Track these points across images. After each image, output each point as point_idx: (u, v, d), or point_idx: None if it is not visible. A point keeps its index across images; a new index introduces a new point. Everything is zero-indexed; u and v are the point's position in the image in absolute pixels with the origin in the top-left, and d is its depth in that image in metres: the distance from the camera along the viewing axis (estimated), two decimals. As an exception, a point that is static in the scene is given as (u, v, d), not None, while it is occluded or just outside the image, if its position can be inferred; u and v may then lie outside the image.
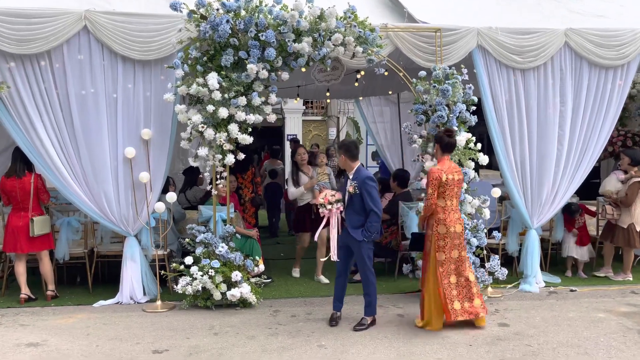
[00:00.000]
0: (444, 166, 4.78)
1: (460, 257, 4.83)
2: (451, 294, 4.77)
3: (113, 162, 5.51)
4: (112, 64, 5.45)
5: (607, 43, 6.19)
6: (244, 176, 7.65)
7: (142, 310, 5.41)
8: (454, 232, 4.76)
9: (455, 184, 4.77)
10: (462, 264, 4.84)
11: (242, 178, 7.62)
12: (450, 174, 4.73)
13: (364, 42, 5.41)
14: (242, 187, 7.59)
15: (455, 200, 4.82)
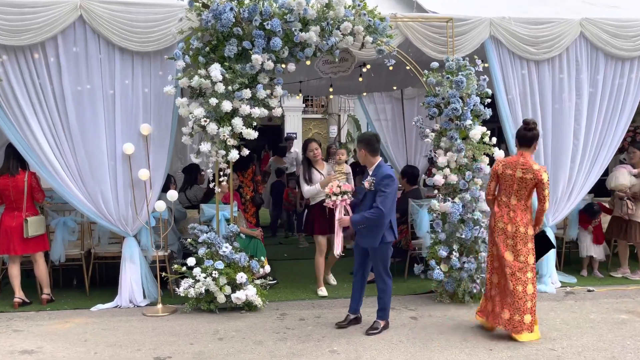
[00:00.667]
0: (509, 160, 4.50)
1: (512, 261, 4.37)
2: (490, 292, 4.55)
3: (111, 159, 5.26)
4: (109, 55, 5.21)
5: (623, 33, 5.98)
6: (244, 174, 7.41)
7: (142, 314, 5.15)
8: (502, 228, 4.44)
9: (516, 181, 4.36)
10: (518, 270, 4.34)
11: (243, 176, 7.38)
12: (509, 169, 4.41)
13: (373, 32, 5.16)
14: (242, 186, 7.34)
15: (514, 198, 4.40)
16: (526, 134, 4.42)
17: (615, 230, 6.47)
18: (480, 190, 5.33)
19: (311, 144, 5.96)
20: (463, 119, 5.29)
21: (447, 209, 5.30)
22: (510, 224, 4.41)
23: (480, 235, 5.33)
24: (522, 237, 4.37)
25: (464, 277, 5.33)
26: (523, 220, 4.38)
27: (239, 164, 7.34)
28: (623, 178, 6.35)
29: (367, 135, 4.80)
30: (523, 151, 4.44)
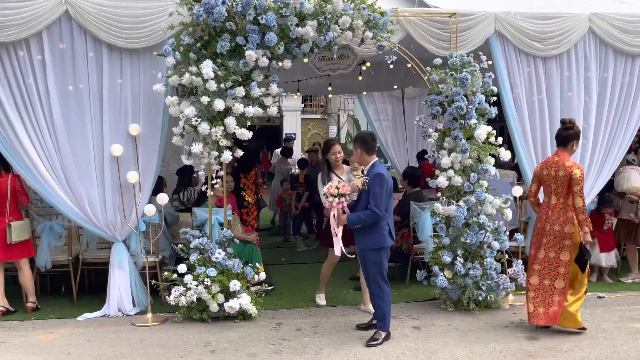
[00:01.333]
0: (547, 160, 4.64)
1: (553, 259, 4.49)
2: (528, 295, 4.58)
3: (98, 161, 5.02)
4: (97, 52, 4.97)
5: (632, 29, 5.74)
6: (247, 176, 7.16)
7: (130, 323, 4.89)
8: (540, 228, 4.55)
9: (552, 181, 4.45)
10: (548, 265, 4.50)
11: (246, 179, 7.13)
12: (545, 169, 4.51)
13: (373, 27, 4.92)
14: (244, 189, 7.08)
15: (555, 198, 4.47)
16: (562, 132, 4.50)
17: (624, 233, 6.22)
18: (486, 192, 5.08)
19: (334, 146, 5.24)
20: (467, 118, 5.04)
21: (451, 212, 5.05)
22: (548, 222, 4.50)
23: (486, 240, 5.08)
24: (557, 234, 4.44)
25: (468, 283, 5.08)
26: (560, 218, 4.44)
27: (243, 166, 7.12)
28: (635, 180, 6.10)
29: (363, 134, 4.71)
30: (560, 150, 4.52)
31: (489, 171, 5.08)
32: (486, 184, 5.12)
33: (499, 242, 5.11)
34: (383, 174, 4.28)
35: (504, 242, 5.16)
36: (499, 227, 5.18)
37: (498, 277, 5.14)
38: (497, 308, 5.22)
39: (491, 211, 5.15)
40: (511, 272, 5.24)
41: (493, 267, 5.08)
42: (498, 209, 5.18)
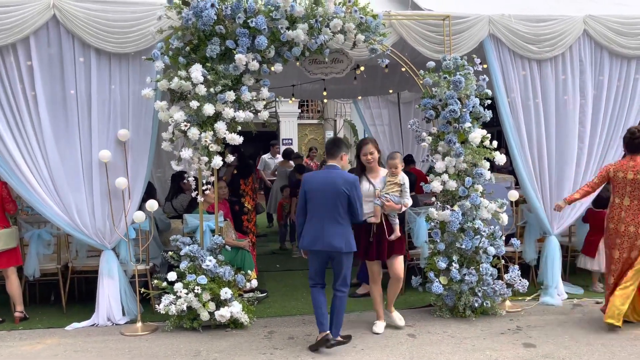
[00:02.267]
0: (619, 163, 4.85)
1: (626, 260, 4.72)
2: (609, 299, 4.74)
3: (86, 168, 4.93)
4: (85, 57, 4.89)
5: (628, 31, 5.68)
6: (246, 182, 7.07)
7: (119, 333, 4.80)
8: (613, 228, 4.79)
9: (628, 183, 4.69)
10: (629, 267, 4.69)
11: (245, 185, 7.04)
12: (620, 172, 4.75)
13: (365, 30, 4.85)
14: (244, 195, 6.99)
15: (629, 200, 4.71)
16: (633, 141, 4.74)
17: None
18: (481, 197, 5.01)
19: (365, 146, 4.68)
20: (462, 122, 4.97)
21: (446, 217, 4.97)
22: (622, 223, 4.70)
23: (481, 245, 5.00)
24: (632, 235, 4.66)
25: (464, 290, 4.99)
26: (635, 220, 4.65)
27: (242, 172, 7.04)
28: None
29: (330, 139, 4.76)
30: (632, 155, 4.74)
31: (484, 175, 5.00)
32: (481, 188, 5.04)
33: (494, 248, 5.03)
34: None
35: (500, 247, 5.07)
36: (494, 232, 5.10)
37: (494, 283, 5.05)
38: (493, 314, 5.13)
39: (487, 216, 5.07)
40: (508, 277, 5.16)
41: (489, 273, 5.00)
42: (494, 214, 5.11)
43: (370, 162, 4.67)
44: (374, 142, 4.76)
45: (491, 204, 5.06)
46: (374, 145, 4.69)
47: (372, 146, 4.67)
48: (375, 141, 4.79)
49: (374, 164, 4.68)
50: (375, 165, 4.70)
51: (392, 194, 4.60)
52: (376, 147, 4.70)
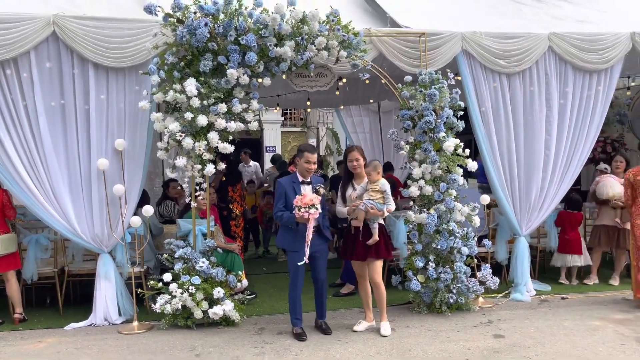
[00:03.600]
0: (638, 168, 5.67)
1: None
2: (637, 278, 5.51)
3: (85, 176, 5.20)
4: (84, 71, 5.18)
5: (590, 47, 6.15)
6: (234, 189, 7.38)
7: (117, 332, 5.07)
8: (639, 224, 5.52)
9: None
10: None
11: (233, 191, 7.35)
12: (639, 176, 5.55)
13: (348, 47, 5.24)
14: (232, 201, 7.30)
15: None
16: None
17: (604, 239, 6.59)
18: (455, 201, 5.41)
19: (351, 153, 4.98)
20: (436, 131, 5.38)
21: (423, 220, 5.36)
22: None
23: (455, 246, 5.39)
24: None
25: (440, 287, 5.38)
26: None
27: (231, 179, 7.34)
28: (618, 187, 6.46)
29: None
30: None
31: (457, 181, 5.41)
32: (455, 193, 5.45)
33: (468, 248, 5.43)
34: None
35: (473, 248, 5.47)
36: (467, 233, 5.50)
37: (468, 280, 5.45)
38: (467, 310, 5.53)
39: (460, 218, 5.47)
40: (480, 275, 5.56)
41: (463, 271, 5.39)
42: (467, 216, 5.51)
43: (356, 169, 4.94)
44: (360, 149, 5.04)
45: (464, 207, 5.47)
46: (359, 152, 4.97)
47: (357, 153, 4.95)
48: (360, 148, 5.07)
49: (359, 170, 4.94)
50: (361, 171, 4.95)
51: (375, 200, 4.83)
52: (362, 154, 4.98)
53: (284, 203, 4.78)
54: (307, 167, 4.78)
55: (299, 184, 4.81)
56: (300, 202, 4.54)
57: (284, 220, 4.76)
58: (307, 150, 4.82)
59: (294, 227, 4.72)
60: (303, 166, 4.80)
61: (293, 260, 4.79)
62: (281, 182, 4.87)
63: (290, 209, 4.66)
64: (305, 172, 4.82)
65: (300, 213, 4.54)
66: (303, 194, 4.62)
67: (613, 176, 6.68)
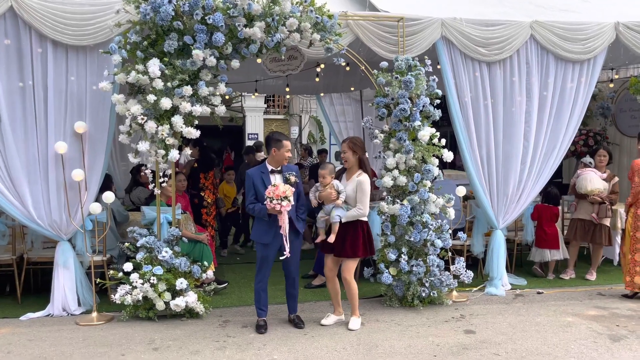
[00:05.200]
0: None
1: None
2: (634, 269, 5.46)
3: (42, 159, 4.95)
4: (42, 49, 4.91)
5: (573, 36, 5.99)
6: (206, 177, 7.14)
7: (75, 323, 4.85)
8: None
9: None
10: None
11: (205, 179, 7.11)
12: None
13: (321, 29, 5.02)
14: (204, 189, 7.07)
15: None
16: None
17: (580, 233, 6.49)
18: (429, 192, 5.25)
19: (342, 145, 4.88)
20: (412, 120, 5.20)
21: (396, 211, 5.19)
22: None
23: (429, 238, 5.24)
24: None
25: (413, 280, 5.23)
26: None
27: (203, 166, 7.10)
28: (598, 182, 6.37)
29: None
30: None
31: (432, 171, 5.24)
32: (429, 183, 5.28)
33: (442, 240, 5.27)
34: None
35: (447, 240, 5.32)
36: (442, 225, 5.35)
37: (441, 274, 5.31)
38: (440, 304, 5.39)
39: (434, 210, 5.31)
40: (454, 269, 5.42)
41: (436, 264, 5.25)
42: (441, 208, 5.35)
43: (345, 162, 4.79)
44: (352, 142, 4.74)
45: (439, 198, 5.31)
46: (347, 146, 4.73)
47: (345, 146, 4.76)
48: (354, 141, 4.75)
49: (348, 164, 4.76)
50: (353, 166, 4.75)
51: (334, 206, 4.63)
52: (351, 147, 4.71)
53: (254, 195, 4.59)
54: (287, 156, 4.63)
55: (268, 173, 4.61)
56: (272, 193, 4.35)
57: (256, 213, 4.57)
58: (286, 139, 4.69)
59: (267, 220, 4.53)
60: (283, 155, 4.61)
61: (261, 250, 4.63)
62: (249, 174, 4.66)
63: (262, 201, 4.47)
64: (284, 161, 4.64)
65: (272, 205, 4.35)
66: (276, 185, 4.41)
67: (595, 170, 6.56)
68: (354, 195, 4.66)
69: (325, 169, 4.75)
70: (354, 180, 4.70)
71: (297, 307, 4.89)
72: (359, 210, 4.64)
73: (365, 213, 4.67)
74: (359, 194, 4.65)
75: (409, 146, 5.16)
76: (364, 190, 4.64)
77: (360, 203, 4.65)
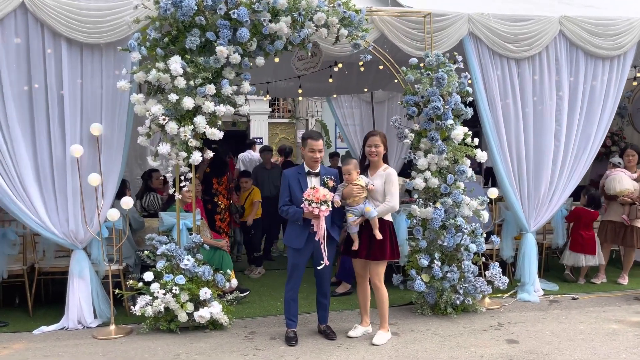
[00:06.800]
0: None
1: None
2: None
3: (57, 164, 4.69)
4: (55, 48, 4.66)
5: (602, 32, 5.79)
6: (220, 181, 6.87)
7: (92, 336, 4.57)
8: None
9: None
10: None
11: (218, 184, 6.84)
12: None
13: (348, 25, 4.79)
14: (217, 194, 6.79)
15: None
16: None
17: (611, 235, 6.27)
18: (462, 194, 5.00)
19: (372, 137, 4.41)
20: (444, 119, 4.96)
21: (428, 214, 4.94)
22: None
23: (463, 243, 4.99)
24: None
25: (446, 287, 4.98)
26: None
27: (216, 170, 6.84)
28: (627, 182, 6.14)
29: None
30: None
31: (466, 172, 5.00)
32: (462, 185, 5.04)
33: (476, 245, 5.03)
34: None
35: (481, 245, 5.08)
36: (475, 229, 5.10)
37: (475, 280, 5.06)
38: (474, 312, 5.14)
39: (468, 213, 5.07)
40: (489, 274, 5.17)
41: (471, 270, 5.00)
42: (474, 211, 5.11)
43: (373, 156, 4.40)
44: (383, 135, 4.44)
45: (472, 201, 5.06)
46: (380, 139, 4.39)
47: (379, 138, 4.38)
48: (384, 135, 4.45)
49: (377, 158, 4.40)
50: (378, 160, 4.42)
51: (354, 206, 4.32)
52: (384, 141, 4.40)
53: (289, 196, 4.34)
54: (312, 157, 4.30)
55: (305, 175, 4.35)
56: (312, 196, 4.08)
57: (289, 216, 4.31)
58: (311, 137, 4.34)
59: (300, 224, 4.27)
60: (308, 155, 4.33)
61: (292, 257, 4.37)
62: (286, 174, 4.41)
63: (297, 203, 4.22)
64: (311, 162, 4.34)
65: (310, 208, 4.08)
66: (315, 188, 4.15)
67: (624, 170, 6.34)
68: (382, 189, 4.36)
69: (350, 164, 4.39)
70: (381, 174, 4.40)
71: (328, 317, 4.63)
72: (388, 203, 4.32)
73: (395, 206, 4.33)
74: (387, 185, 4.33)
75: (442, 146, 4.92)
76: (392, 181, 4.35)
77: (389, 195, 4.32)
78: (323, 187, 4.22)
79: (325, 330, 4.55)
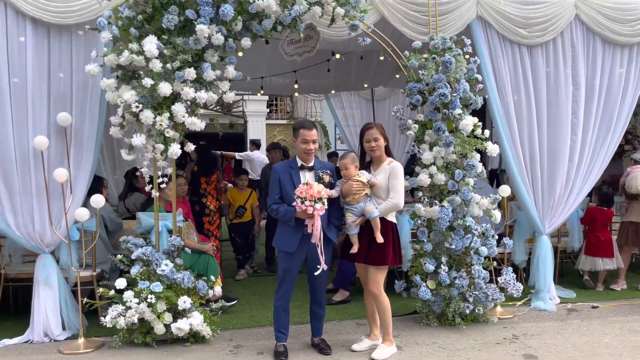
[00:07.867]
0: None
1: None
2: None
3: (20, 158, 4.20)
4: (19, 29, 4.18)
5: (621, 17, 5.33)
6: (208, 181, 6.38)
7: (57, 351, 4.08)
8: None
9: None
10: None
11: (207, 183, 6.35)
12: None
13: (345, 3, 4.32)
14: (206, 195, 6.31)
15: None
16: None
17: (632, 237, 5.82)
18: (472, 191, 4.52)
19: (369, 130, 3.98)
20: (452, 108, 4.49)
21: (434, 214, 4.46)
22: None
23: (472, 245, 4.50)
24: None
25: (454, 295, 4.49)
26: None
27: (204, 169, 6.37)
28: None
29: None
30: None
31: (476, 167, 4.51)
32: (472, 182, 4.55)
33: (487, 248, 4.54)
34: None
35: (493, 248, 4.59)
36: (486, 230, 4.61)
37: (487, 286, 4.57)
38: (485, 322, 4.65)
39: (478, 212, 4.58)
40: (501, 280, 4.68)
41: (482, 276, 4.51)
42: (485, 211, 4.62)
43: (374, 151, 3.95)
44: (380, 127, 4.00)
45: (483, 199, 4.58)
46: (379, 131, 3.95)
47: (377, 131, 3.95)
48: (381, 126, 4.02)
49: (378, 152, 3.96)
50: (382, 154, 3.98)
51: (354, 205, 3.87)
52: (383, 133, 3.97)
53: (279, 193, 3.85)
54: (305, 148, 3.83)
55: (297, 169, 3.88)
56: (305, 193, 3.60)
57: (280, 216, 3.82)
58: (303, 126, 3.87)
59: (292, 224, 3.78)
60: (300, 147, 3.85)
61: (284, 261, 3.89)
62: (276, 168, 3.94)
63: (288, 201, 3.75)
64: (304, 154, 3.86)
65: (303, 206, 3.60)
66: (309, 184, 3.66)
67: None
68: (386, 185, 3.87)
69: (347, 158, 3.91)
70: (385, 168, 3.91)
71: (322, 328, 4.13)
72: (391, 200, 3.83)
73: (399, 204, 3.84)
74: (392, 180, 3.84)
75: (449, 138, 4.44)
76: (397, 175, 3.85)
77: (392, 191, 3.83)
78: (318, 183, 3.73)
79: (319, 344, 4.06)
